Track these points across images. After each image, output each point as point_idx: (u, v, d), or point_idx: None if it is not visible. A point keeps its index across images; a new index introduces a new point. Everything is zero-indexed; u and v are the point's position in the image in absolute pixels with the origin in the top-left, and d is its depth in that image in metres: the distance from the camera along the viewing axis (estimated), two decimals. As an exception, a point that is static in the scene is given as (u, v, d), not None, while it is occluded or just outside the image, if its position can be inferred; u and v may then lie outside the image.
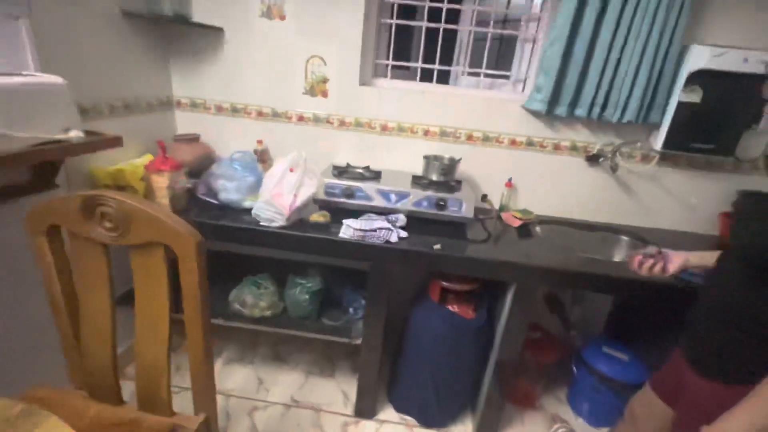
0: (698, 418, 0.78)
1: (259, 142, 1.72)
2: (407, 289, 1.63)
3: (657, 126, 1.55)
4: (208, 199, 1.45)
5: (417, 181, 1.56)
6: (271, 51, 1.63)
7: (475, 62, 1.75)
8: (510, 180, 1.70)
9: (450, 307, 1.40)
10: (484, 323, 1.40)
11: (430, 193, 1.45)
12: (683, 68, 1.44)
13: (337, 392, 1.66)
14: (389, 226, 1.31)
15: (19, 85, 0.93)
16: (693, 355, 0.90)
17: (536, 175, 1.71)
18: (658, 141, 1.54)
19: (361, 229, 1.30)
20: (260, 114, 1.73)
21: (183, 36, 1.64)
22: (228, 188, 1.38)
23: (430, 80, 1.75)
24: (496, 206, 1.75)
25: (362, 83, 1.69)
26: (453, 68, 1.78)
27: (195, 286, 0.81)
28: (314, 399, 1.62)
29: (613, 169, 1.57)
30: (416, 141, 1.71)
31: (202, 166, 1.56)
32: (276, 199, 1.29)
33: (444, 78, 1.83)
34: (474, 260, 1.27)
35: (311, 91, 1.68)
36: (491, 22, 1.68)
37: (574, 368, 1.65)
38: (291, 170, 1.33)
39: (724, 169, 1.61)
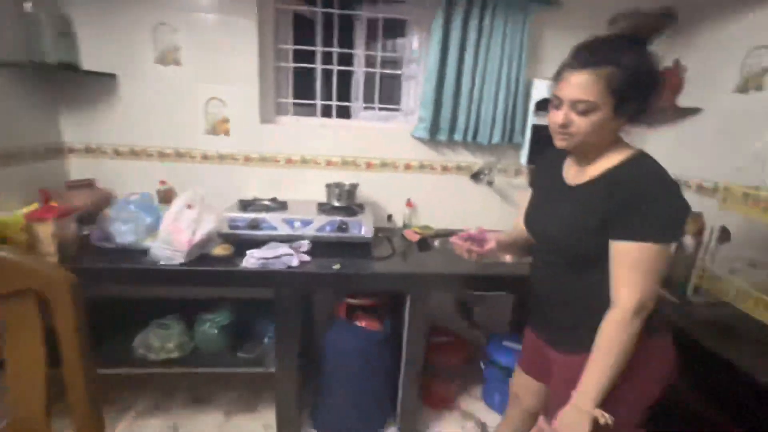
0: (567, 387, 0.89)
1: (162, 182, 1.72)
2: (322, 311, 1.71)
3: (521, 146, 1.84)
4: (104, 244, 1.42)
5: (321, 207, 1.68)
6: (168, 95, 1.68)
7: (371, 97, 1.95)
8: (409, 200, 1.88)
9: (358, 323, 1.50)
10: (390, 333, 1.51)
11: (332, 218, 1.57)
12: (531, 98, 1.76)
13: (258, 426, 1.64)
14: (291, 252, 1.39)
15: None
16: (546, 335, 1.04)
17: (431, 194, 1.92)
18: (523, 157, 1.83)
19: (263, 257, 1.37)
20: (162, 155, 1.75)
21: (73, 82, 1.63)
22: (123, 231, 1.37)
23: (339, 115, 1.91)
24: (400, 224, 1.92)
25: (265, 121, 1.80)
26: (351, 104, 1.96)
27: (72, 331, 0.80)
28: (235, 437, 1.59)
29: (490, 183, 1.82)
30: (320, 171, 1.84)
31: (99, 212, 1.52)
32: (174, 237, 1.31)
33: (347, 112, 2.01)
34: (371, 276, 1.39)
35: (213, 131, 1.74)
36: (377, 64, 1.90)
37: (483, 366, 1.81)
38: (189, 207, 1.37)
39: (578, 177, 1.95)
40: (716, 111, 1.57)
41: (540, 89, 1.73)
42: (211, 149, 1.77)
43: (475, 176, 1.89)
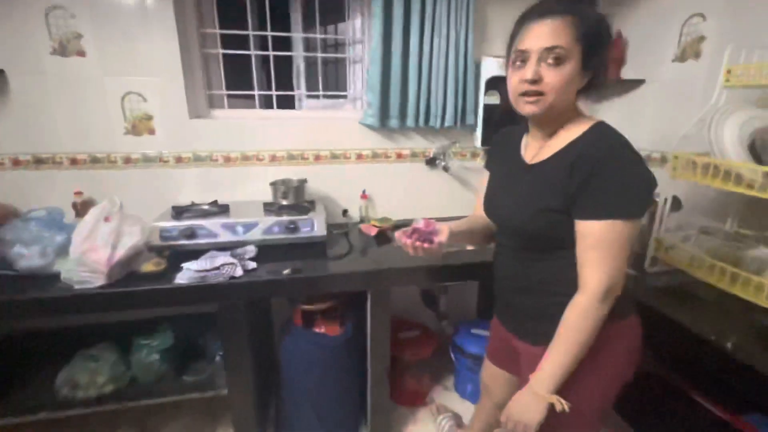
0: None
1: (78, 193, 1.50)
2: (283, 317, 1.57)
3: (474, 127, 1.79)
4: (4, 271, 1.20)
5: (268, 208, 1.53)
6: (74, 91, 1.45)
7: (315, 85, 1.80)
8: (364, 192, 1.78)
9: (317, 329, 1.38)
10: (352, 335, 1.41)
11: (280, 218, 1.43)
12: (482, 77, 1.70)
13: (217, 453, 1.49)
14: (233, 260, 1.24)
15: None
16: (511, 326, 0.98)
17: (387, 184, 1.82)
18: (478, 139, 1.78)
19: (201, 270, 1.21)
20: (75, 162, 1.52)
21: (-51, 82, 1.36)
22: (26, 254, 1.16)
23: (281, 105, 1.75)
24: (357, 219, 1.81)
25: (195, 116, 1.61)
26: (293, 93, 1.81)
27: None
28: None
29: (446, 169, 1.75)
30: (264, 168, 1.69)
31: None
32: (89, 256, 1.12)
33: (290, 102, 1.85)
34: (327, 277, 1.28)
35: (134, 130, 1.53)
36: (318, 48, 1.76)
37: (452, 356, 1.77)
38: (107, 220, 1.18)
39: (532, 156, 1.93)
40: (658, 81, 1.59)
41: (489, 67, 1.67)
42: (134, 151, 1.55)
43: (431, 162, 1.81)
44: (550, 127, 0.84)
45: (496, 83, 1.70)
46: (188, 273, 1.20)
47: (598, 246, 0.75)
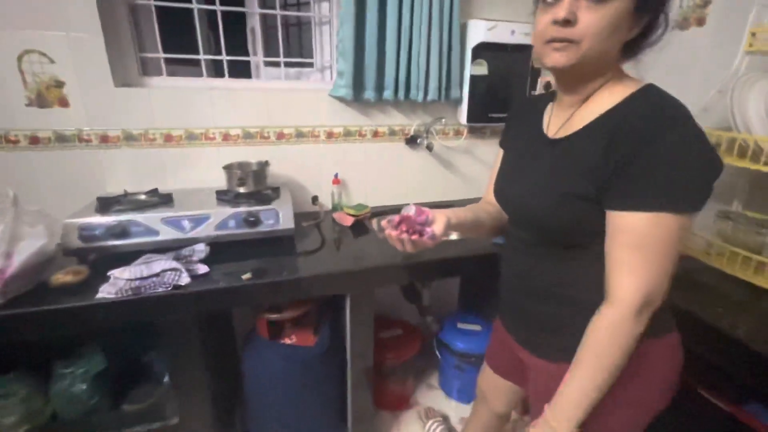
0: (549, 398, 0.69)
1: (-34, 182, 1.16)
2: (246, 326, 1.35)
3: (459, 102, 1.59)
4: None
5: (221, 197, 1.27)
6: (-53, 47, 1.09)
7: (275, 50, 1.52)
8: (336, 176, 1.55)
9: (286, 340, 1.17)
10: (329, 344, 1.22)
11: (237, 209, 1.19)
12: (468, 43, 1.50)
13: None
14: (177, 265, 1.00)
15: None
16: (521, 335, 0.82)
17: (362, 166, 1.60)
18: (463, 115, 1.59)
19: (134, 279, 0.96)
20: (-41, 142, 1.17)
21: None
22: None
23: (234, 74, 1.45)
24: (329, 207, 1.59)
25: (123, 84, 1.29)
26: (248, 58, 1.52)
27: None
28: None
29: (429, 148, 1.56)
30: (216, 149, 1.41)
31: None
32: (-28, 269, 0.84)
33: (246, 71, 1.56)
34: (296, 281, 1.06)
35: (40, 101, 1.20)
36: (277, 4, 1.47)
37: (438, 353, 1.63)
38: (-3, 219, 0.89)
39: (519, 134, 1.78)
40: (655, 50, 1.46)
41: (476, 31, 1.46)
42: (42, 128, 1.22)
43: (411, 141, 1.61)
44: (583, 88, 0.67)
45: (484, 51, 1.50)
46: (116, 285, 0.94)
47: (637, 245, 0.58)
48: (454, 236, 1.35)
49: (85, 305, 0.90)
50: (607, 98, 0.64)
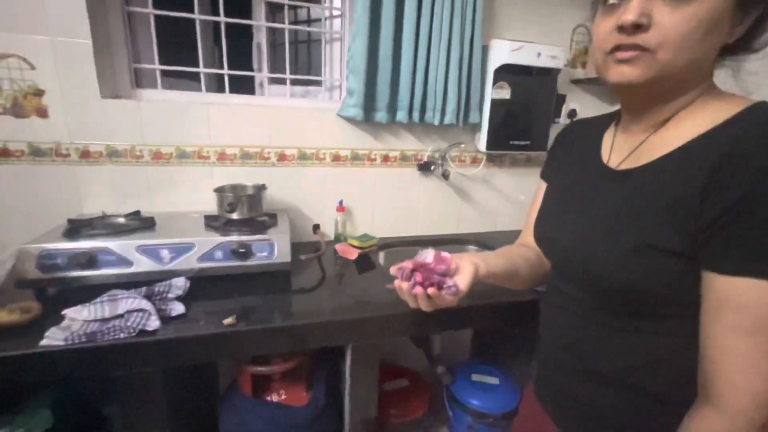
0: None
1: None
2: (224, 380, 1.16)
3: (478, 127, 1.46)
4: None
5: (210, 223, 1.13)
6: None
7: (281, 66, 1.41)
8: (341, 203, 1.40)
9: (274, 397, 0.99)
10: (324, 403, 1.03)
11: (226, 237, 1.03)
12: (489, 65, 1.38)
13: None
14: (145, 305, 0.83)
15: None
16: (559, 416, 0.65)
17: (370, 193, 1.46)
18: (482, 142, 1.46)
19: (93, 320, 0.79)
20: None
21: None
22: None
23: (236, 89, 1.34)
24: (332, 237, 1.43)
25: (112, 95, 1.18)
26: (252, 74, 1.41)
27: None
28: None
29: (446, 175, 1.42)
30: (209, 169, 1.27)
31: None
32: None
33: (248, 86, 1.45)
34: (288, 330, 0.89)
35: (16, 110, 1.08)
36: (286, 19, 1.38)
37: (449, 410, 1.41)
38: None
39: (541, 163, 1.63)
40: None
41: (499, 52, 1.35)
42: (14, 139, 1.09)
43: (424, 167, 1.47)
44: (659, 110, 0.52)
45: (506, 73, 1.39)
46: (71, 326, 0.77)
47: (756, 328, 0.41)
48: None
49: (27, 353, 0.73)
50: (699, 118, 0.49)
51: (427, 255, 0.59)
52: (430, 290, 0.56)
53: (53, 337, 0.75)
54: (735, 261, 0.43)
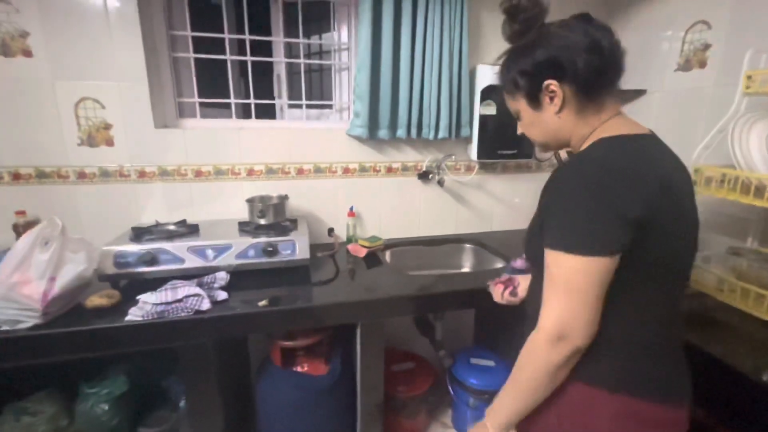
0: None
1: (20, 213, 1.29)
2: (260, 353, 1.38)
3: (470, 139, 1.67)
4: None
5: (243, 228, 1.36)
6: (18, 96, 1.26)
7: (298, 94, 1.66)
8: (352, 209, 1.63)
9: (299, 368, 1.20)
10: (340, 374, 1.24)
11: (257, 239, 1.26)
12: (477, 86, 1.59)
13: None
14: (199, 291, 1.06)
15: None
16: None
17: (377, 200, 1.68)
18: (473, 152, 1.66)
19: (160, 303, 1.03)
20: (18, 177, 1.32)
21: None
22: (-60, 289, 0.95)
23: (260, 115, 1.60)
24: (344, 238, 1.65)
25: (162, 125, 1.44)
26: (273, 101, 1.66)
27: None
28: None
29: (441, 183, 1.62)
30: (240, 183, 1.52)
31: None
32: (20, 290, 0.93)
33: (270, 112, 1.70)
34: (309, 309, 1.11)
35: (90, 141, 1.35)
36: (301, 53, 1.62)
37: (451, 389, 1.60)
38: (46, 244, 0.99)
39: (530, 169, 1.83)
40: (660, 91, 1.51)
41: (484, 76, 1.56)
42: (89, 165, 1.37)
43: (424, 176, 1.68)
44: (572, 149, 0.76)
45: (492, 93, 1.59)
46: (144, 308, 1.01)
47: (549, 279, 0.64)
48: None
49: (115, 327, 0.97)
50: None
51: (504, 276, 1.02)
52: (506, 294, 0.98)
53: (134, 315, 0.99)
54: (545, 239, 0.65)
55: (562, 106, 0.69)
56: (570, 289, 0.61)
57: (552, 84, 0.67)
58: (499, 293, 1.00)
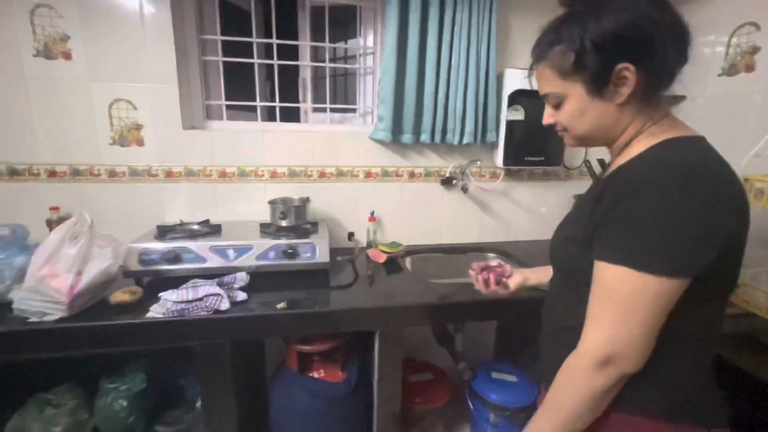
0: None
1: (54, 208, 1.34)
2: (276, 356, 1.37)
3: (495, 145, 1.63)
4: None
5: (264, 229, 1.36)
6: (57, 96, 1.32)
7: (323, 97, 1.67)
8: (373, 213, 1.60)
9: (315, 374, 1.18)
10: (356, 382, 1.20)
11: (277, 241, 1.26)
12: (504, 91, 1.55)
13: None
14: (219, 291, 1.06)
15: None
16: (541, 376, 0.77)
17: (398, 205, 1.65)
18: (499, 158, 1.61)
19: (181, 301, 1.03)
20: (53, 174, 1.37)
21: None
22: (-25, 279, 0.99)
23: (285, 118, 1.61)
24: (364, 243, 1.63)
25: (190, 127, 1.47)
26: (298, 105, 1.67)
27: None
28: None
29: (464, 189, 1.58)
30: (264, 185, 1.53)
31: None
32: (48, 283, 0.95)
33: (295, 115, 1.72)
34: (327, 314, 1.08)
35: (121, 141, 1.39)
36: (327, 58, 1.63)
37: (470, 404, 1.53)
38: (75, 239, 1.01)
39: (558, 177, 1.76)
40: (702, 97, 1.43)
41: (513, 80, 1.52)
42: (120, 164, 1.40)
43: (447, 182, 1.64)
44: (613, 151, 0.68)
45: (520, 97, 1.55)
46: (166, 306, 1.02)
47: (603, 296, 0.56)
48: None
49: (137, 323, 0.98)
50: (634, 152, 0.61)
51: (492, 261, 0.91)
52: (491, 283, 0.94)
53: (155, 312, 0.99)
54: (599, 249, 0.58)
55: (629, 97, 0.58)
56: (632, 311, 0.53)
57: (627, 69, 0.56)
58: (482, 282, 0.95)
